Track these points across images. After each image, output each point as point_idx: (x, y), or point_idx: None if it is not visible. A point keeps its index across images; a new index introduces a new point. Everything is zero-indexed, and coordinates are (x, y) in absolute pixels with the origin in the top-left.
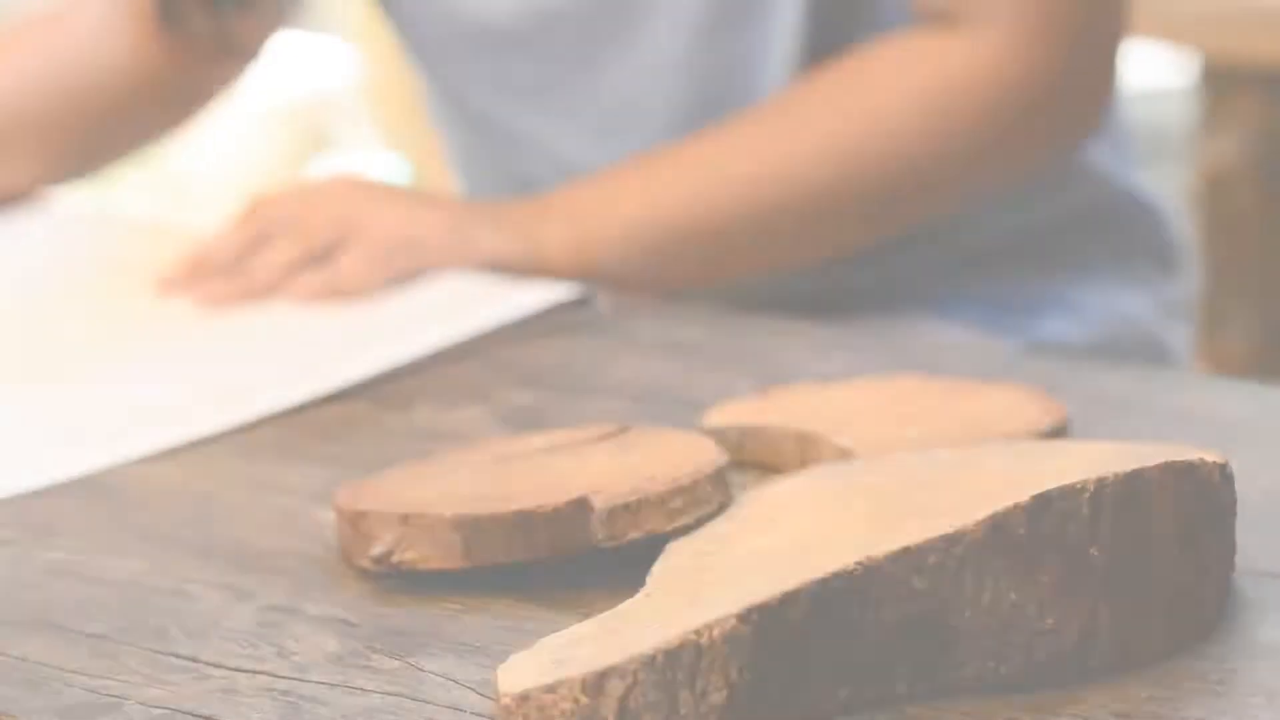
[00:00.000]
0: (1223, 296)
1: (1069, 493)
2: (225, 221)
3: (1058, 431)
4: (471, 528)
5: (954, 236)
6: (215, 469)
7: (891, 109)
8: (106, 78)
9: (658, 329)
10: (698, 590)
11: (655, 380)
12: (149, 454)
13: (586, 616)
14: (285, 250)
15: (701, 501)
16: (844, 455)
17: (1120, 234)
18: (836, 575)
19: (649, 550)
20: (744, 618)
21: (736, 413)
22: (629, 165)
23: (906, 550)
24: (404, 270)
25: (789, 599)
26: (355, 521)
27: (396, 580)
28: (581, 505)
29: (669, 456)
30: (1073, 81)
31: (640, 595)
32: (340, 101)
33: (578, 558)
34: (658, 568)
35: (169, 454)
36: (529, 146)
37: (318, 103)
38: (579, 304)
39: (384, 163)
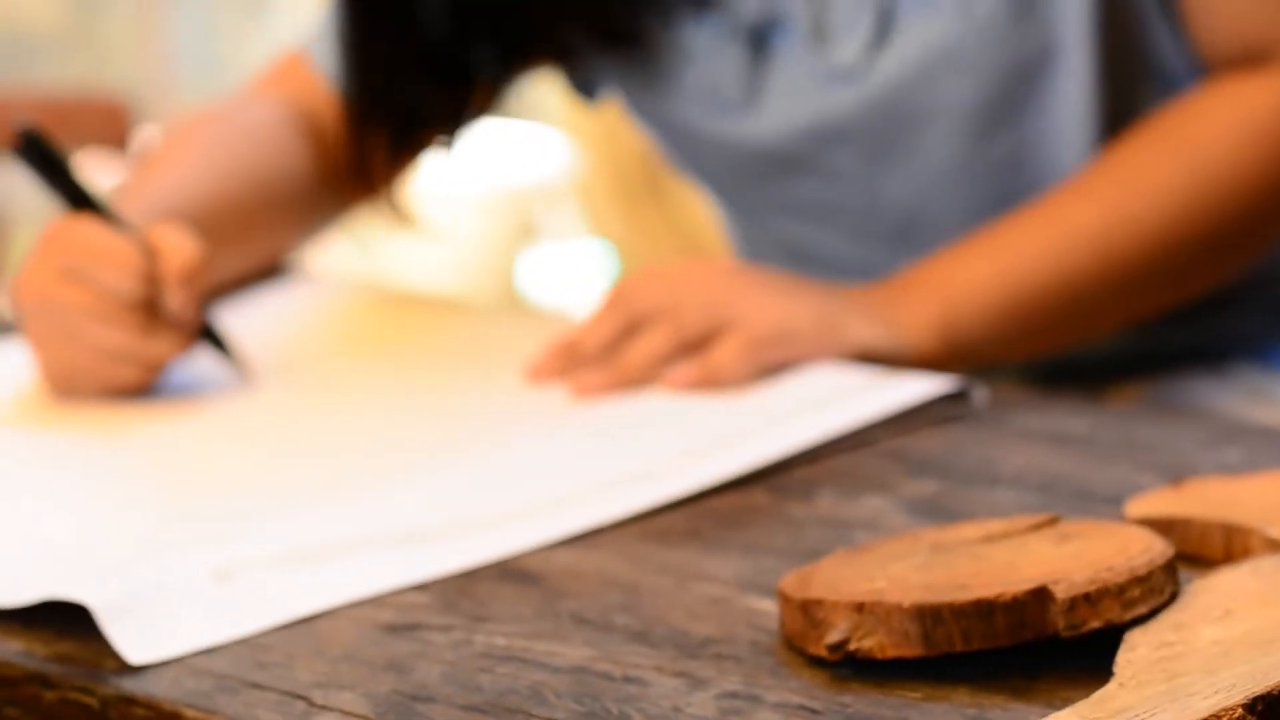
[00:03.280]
0: None
1: None
2: (592, 308)
3: None
4: (931, 616)
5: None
6: (632, 555)
7: (1223, 152)
8: (288, 168)
9: (1041, 420)
10: (1172, 679)
11: (1051, 471)
12: (561, 539)
13: (1050, 705)
14: (659, 340)
15: (1156, 591)
16: (1276, 547)
17: None
18: None
19: (1093, 637)
20: (1250, 706)
21: (1156, 504)
22: (977, 235)
23: None
24: (777, 361)
25: None
26: (808, 609)
27: (849, 668)
28: (1041, 595)
29: (1115, 547)
30: None
31: (1113, 684)
32: (549, 190)
33: (1018, 646)
34: (1122, 657)
35: (580, 540)
36: (826, 263)
37: (527, 192)
38: (957, 395)
39: (592, 251)
